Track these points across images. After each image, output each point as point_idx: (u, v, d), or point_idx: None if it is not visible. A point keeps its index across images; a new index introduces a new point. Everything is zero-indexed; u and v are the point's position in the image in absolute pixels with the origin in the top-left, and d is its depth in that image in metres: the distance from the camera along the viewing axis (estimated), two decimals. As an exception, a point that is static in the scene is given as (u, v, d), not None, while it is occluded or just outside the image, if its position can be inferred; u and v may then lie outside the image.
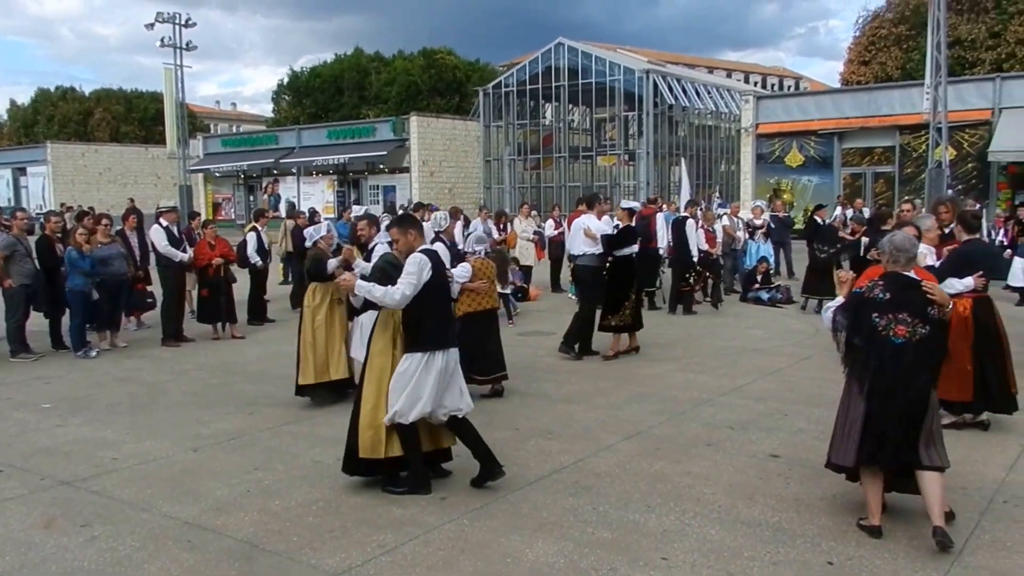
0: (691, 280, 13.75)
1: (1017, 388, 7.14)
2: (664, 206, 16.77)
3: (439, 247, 7.91)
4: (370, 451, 5.71)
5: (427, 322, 5.62)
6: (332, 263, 8.07)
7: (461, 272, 8.10)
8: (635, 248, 10.56)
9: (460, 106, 51.75)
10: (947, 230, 7.90)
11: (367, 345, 6.02)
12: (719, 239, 14.95)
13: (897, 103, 27.76)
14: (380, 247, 8.00)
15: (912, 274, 4.97)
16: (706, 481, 5.93)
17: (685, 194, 16.32)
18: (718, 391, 8.59)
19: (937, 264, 7.07)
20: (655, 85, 34.61)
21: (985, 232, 16.66)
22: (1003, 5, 38.55)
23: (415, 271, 5.53)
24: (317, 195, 41.91)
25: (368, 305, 5.96)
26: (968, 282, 6.76)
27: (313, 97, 59.32)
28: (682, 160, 23.01)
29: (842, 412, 5.10)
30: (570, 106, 39.08)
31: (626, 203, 11.48)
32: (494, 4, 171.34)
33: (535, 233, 16.86)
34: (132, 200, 30.10)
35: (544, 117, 40.38)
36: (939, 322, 4.86)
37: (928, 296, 4.83)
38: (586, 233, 10.44)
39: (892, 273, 4.98)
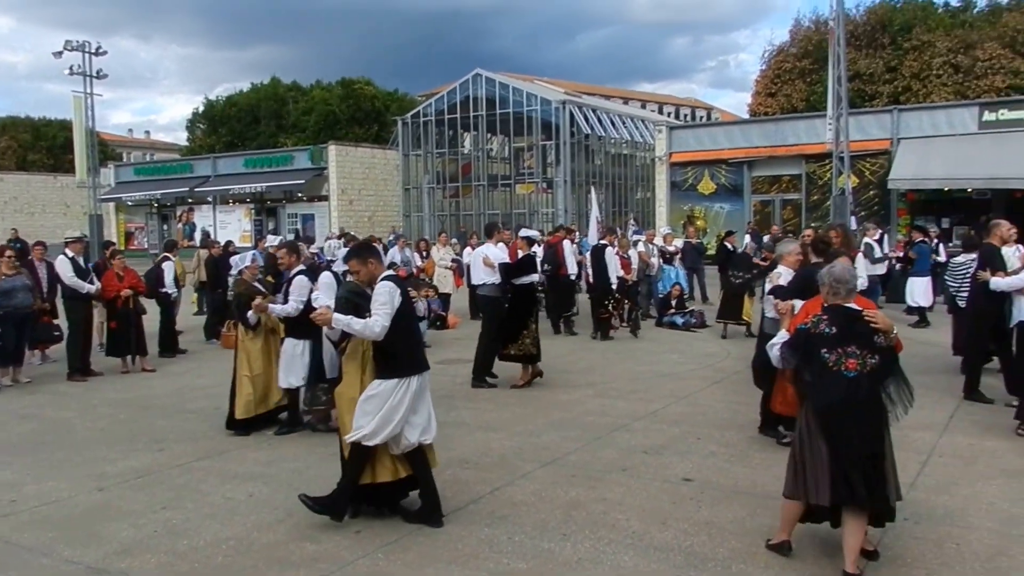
0: (609, 307, 13.95)
1: None
2: (577, 234, 17.02)
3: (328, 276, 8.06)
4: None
5: (399, 347, 5.56)
6: (251, 316, 8.23)
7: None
8: (535, 277, 10.61)
9: (379, 135, 51.66)
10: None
11: (337, 371, 6.02)
12: (634, 265, 15.21)
13: (803, 133, 28.78)
14: (299, 277, 8.04)
15: (853, 305, 4.92)
16: (620, 507, 6.00)
17: (594, 222, 16.57)
18: (633, 416, 8.71)
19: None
20: (571, 115, 35.17)
21: (885, 252, 17.37)
22: (898, 41, 40.76)
23: (387, 300, 5.46)
24: (234, 224, 41.25)
25: (344, 337, 5.90)
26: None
27: (229, 126, 58.44)
28: (592, 189, 23.41)
29: (800, 448, 4.91)
30: (488, 135, 39.35)
31: (525, 231, 11.53)
32: (412, 35, 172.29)
33: (453, 261, 16.93)
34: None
35: (463, 146, 40.55)
36: (887, 349, 4.82)
37: (872, 325, 4.79)
38: (485, 262, 10.49)
39: (834, 306, 4.92)
